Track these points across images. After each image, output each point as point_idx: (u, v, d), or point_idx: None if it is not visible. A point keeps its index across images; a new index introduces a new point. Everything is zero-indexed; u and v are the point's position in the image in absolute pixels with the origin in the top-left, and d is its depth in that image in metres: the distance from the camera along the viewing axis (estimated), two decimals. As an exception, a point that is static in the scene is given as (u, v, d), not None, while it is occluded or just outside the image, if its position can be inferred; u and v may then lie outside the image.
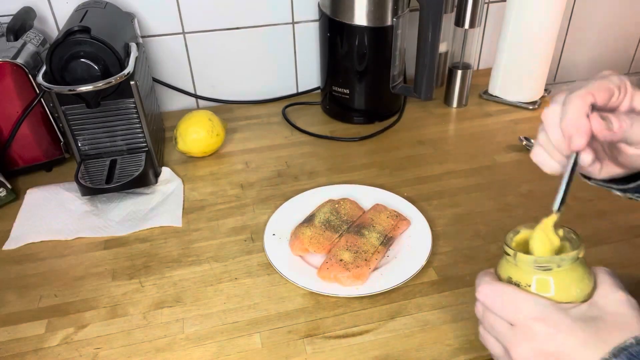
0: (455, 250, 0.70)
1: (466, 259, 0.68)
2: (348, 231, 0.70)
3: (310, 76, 1.12)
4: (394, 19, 0.90)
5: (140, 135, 0.82)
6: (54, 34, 0.95)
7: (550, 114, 0.41)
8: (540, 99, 1.05)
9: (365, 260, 0.64)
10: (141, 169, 0.80)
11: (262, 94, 1.10)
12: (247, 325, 0.60)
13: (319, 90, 1.11)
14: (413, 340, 0.57)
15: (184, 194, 0.82)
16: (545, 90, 1.06)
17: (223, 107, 1.08)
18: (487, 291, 0.39)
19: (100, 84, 0.70)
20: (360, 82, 0.96)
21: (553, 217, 0.40)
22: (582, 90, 0.40)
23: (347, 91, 0.97)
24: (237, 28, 1.03)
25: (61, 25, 0.91)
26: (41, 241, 0.73)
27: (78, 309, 0.63)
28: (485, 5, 1.13)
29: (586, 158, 0.40)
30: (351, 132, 0.98)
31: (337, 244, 0.68)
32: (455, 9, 0.99)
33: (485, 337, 0.41)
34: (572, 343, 0.34)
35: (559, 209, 0.40)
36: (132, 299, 0.64)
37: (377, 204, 0.75)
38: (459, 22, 0.97)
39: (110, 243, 0.73)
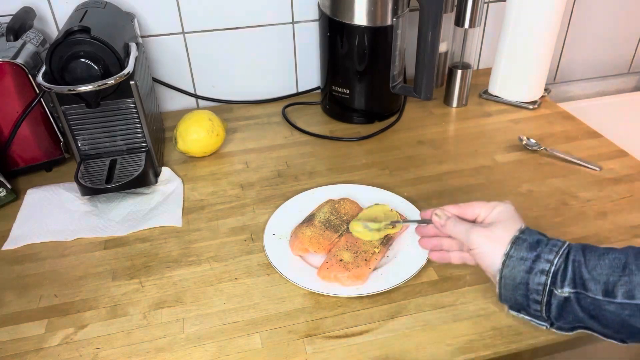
0: (455, 250, 0.70)
1: (466, 258, 0.68)
2: (348, 231, 0.70)
3: (310, 76, 1.12)
4: (394, 19, 0.90)
5: (140, 135, 0.82)
6: (54, 34, 0.95)
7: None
8: (540, 98, 1.05)
9: (365, 260, 0.64)
10: (141, 169, 0.80)
11: (262, 94, 1.10)
12: (247, 325, 0.60)
13: (319, 90, 1.11)
14: (413, 340, 0.57)
15: (184, 194, 0.82)
16: (545, 90, 1.06)
17: (223, 107, 1.08)
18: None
19: (100, 84, 0.70)
20: (360, 82, 0.96)
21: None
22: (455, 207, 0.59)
23: (347, 91, 0.97)
24: (237, 28, 1.03)
25: (61, 25, 0.91)
26: (41, 241, 0.73)
27: (78, 309, 0.63)
28: (485, 5, 1.13)
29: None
30: (351, 132, 0.98)
31: (337, 243, 0.68)
32: (455, 9, 0.99)
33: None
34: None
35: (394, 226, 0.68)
36: (132, 299, 0.64)
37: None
38: (459, 21, 0.97)
39: (110, 243, 0.73)
